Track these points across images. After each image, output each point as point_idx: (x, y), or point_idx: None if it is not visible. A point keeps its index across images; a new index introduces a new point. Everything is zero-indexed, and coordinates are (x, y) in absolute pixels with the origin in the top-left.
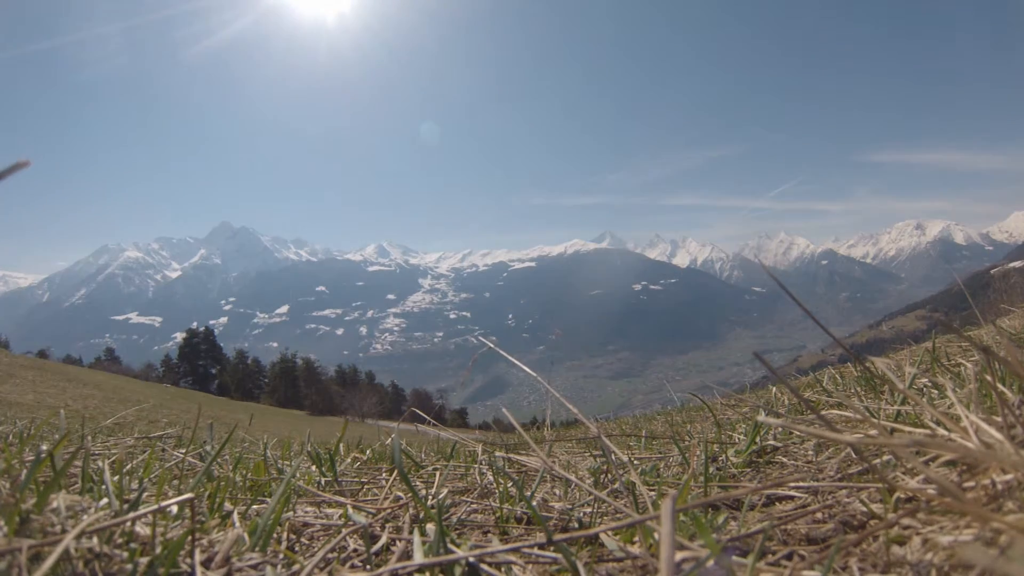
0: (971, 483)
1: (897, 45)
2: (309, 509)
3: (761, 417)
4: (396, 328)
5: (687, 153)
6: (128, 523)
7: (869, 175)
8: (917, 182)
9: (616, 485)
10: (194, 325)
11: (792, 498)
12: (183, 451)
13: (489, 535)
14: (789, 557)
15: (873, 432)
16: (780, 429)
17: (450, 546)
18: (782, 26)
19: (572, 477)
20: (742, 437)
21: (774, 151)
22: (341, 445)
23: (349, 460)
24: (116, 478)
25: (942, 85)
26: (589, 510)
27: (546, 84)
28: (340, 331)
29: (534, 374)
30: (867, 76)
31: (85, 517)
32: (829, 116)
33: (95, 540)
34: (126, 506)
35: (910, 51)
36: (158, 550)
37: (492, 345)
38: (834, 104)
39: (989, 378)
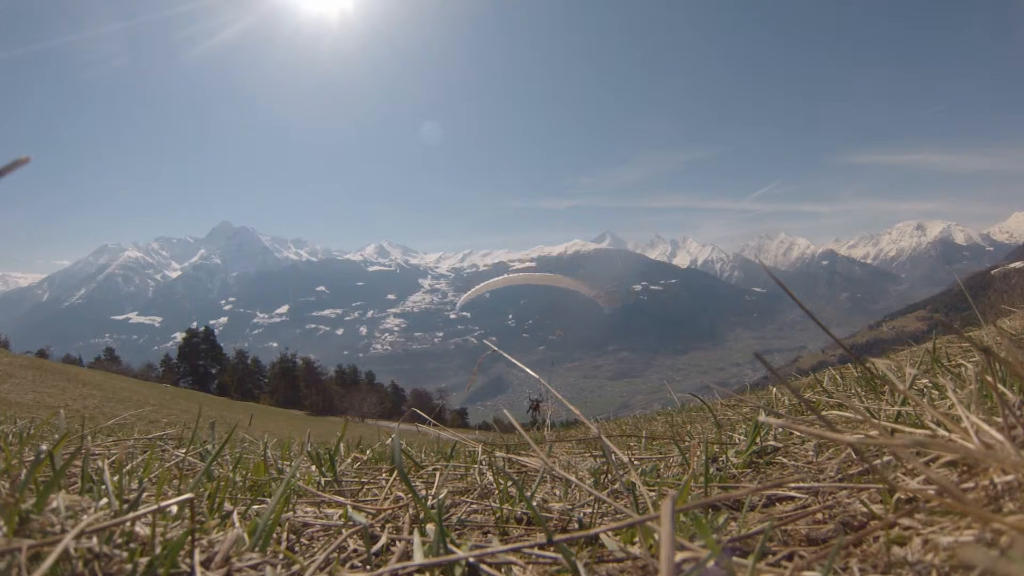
0: (971, 484)
1: (894, 44)
2: (309, 509)
3: (762, 418)
4: (396, 328)
5: (685, 154)
6: (128, 523)
7: (870, 175)
8: (917, 183)
9: (616, 485)
10: (194, 325)
11: (792, 499)
12: (183, 451)
13: (489, 535)
14: (789, 558)
15: (874, 433)
16: (780, 430)
17: (450, 546)
18: (788, 23)
19: (572, 477)
20: (742, 438)
21: (761, 153)
22: (341, 445)
23: (349, 460)
24: (116, 478)
25: (940, 85)
26: (589, 510)
27: (547, 84)
28: (340, 331)
29: (534, 374)
30: (857, 75)
31: (85, 517)
32: (820, 118)
33: (95, 540)
34: (126, 506)
35: (908, 50)
36: (158, 550)
37: (493, 347)
38: (823, 105)
39: (990, 379)
